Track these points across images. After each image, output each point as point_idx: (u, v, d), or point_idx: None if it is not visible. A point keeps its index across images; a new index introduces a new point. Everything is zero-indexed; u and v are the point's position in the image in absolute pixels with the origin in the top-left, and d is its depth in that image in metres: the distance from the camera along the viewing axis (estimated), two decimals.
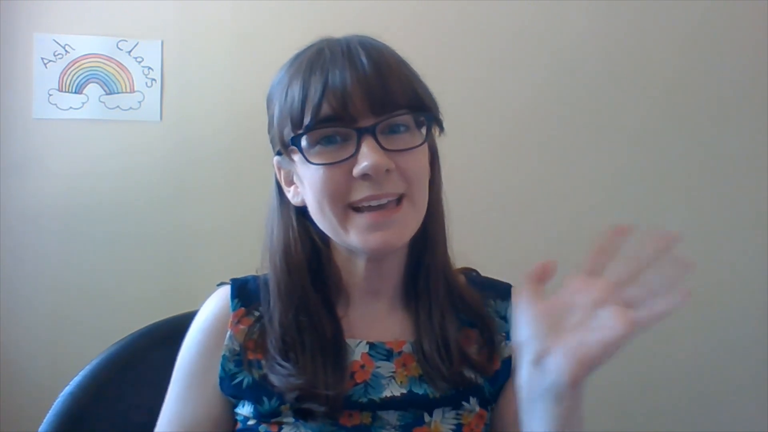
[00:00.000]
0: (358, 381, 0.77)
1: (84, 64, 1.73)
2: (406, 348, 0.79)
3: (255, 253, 0.83)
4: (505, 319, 0.84)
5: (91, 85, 1.74)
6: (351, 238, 0.73)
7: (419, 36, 1.74)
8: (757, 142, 1.82)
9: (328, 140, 0.71)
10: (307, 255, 0.78)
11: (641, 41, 1.80)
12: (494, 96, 1.79)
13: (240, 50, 1.76)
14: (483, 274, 0.90)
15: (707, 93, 1.81)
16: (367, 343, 0.79)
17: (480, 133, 1.76)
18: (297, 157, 0.74)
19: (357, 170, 0.69)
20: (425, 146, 0.76)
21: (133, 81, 1.74)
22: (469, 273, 0.89)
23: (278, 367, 0.75)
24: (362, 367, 0.78)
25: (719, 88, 1.82)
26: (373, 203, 0.71)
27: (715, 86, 1.82)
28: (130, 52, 1.74)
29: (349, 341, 0.78)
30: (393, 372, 0.78)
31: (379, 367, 0.78)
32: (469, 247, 0.84)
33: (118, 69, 1.74)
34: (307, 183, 0.73)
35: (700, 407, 1.83)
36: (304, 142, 0.71)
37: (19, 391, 1.71)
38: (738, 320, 1.83)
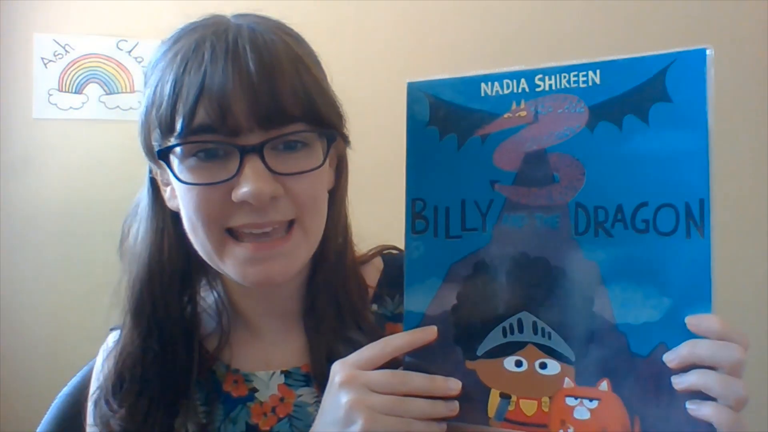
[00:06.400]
0: (281, 416, 0.69)
1: (84, 64, 1.73)
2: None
3: None
4: None
5: (91, 85, 1.74)
6: (228, 268, 0.62)
7: (417, 36, 1.74)
8: (757, 143, 1.82)
9: (207, 153, 0.59)
10: (181, 269, 0.67)
11: (641, 41, 1.80)
12: None
13: None
14: None
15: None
16: (282, 372, 0.70)
17: None
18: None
19: (236, 195, 0.58)
20: (326, 165, 0.63)
21: (133, 81, 1.74)
22: (391, 256, 0.77)
23: (102, 402, 0.67)
24: (282, 400, 0.69)
25: (719, 88, 1.81)
26: (255, 231, 0.60)
27: (715, 86, 1.81)
28: (130, 52, 1.74)
29: (261, 374, 0.70)
30: (317, 397, 0.69)
31: (300, 395, 0.69)
32: None
33: (118, 69, 1.74)
34: (180, 198, 0.61)
35: None
36: (177, 152, 0.59)
37: (19, 391, 1.71)
38: (738, 321, 1.82)
